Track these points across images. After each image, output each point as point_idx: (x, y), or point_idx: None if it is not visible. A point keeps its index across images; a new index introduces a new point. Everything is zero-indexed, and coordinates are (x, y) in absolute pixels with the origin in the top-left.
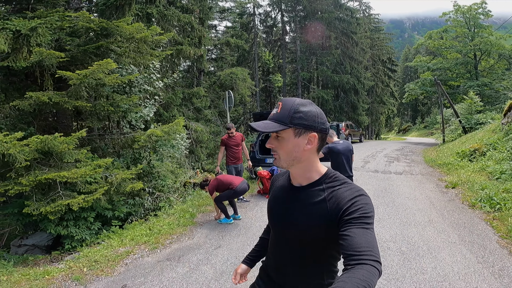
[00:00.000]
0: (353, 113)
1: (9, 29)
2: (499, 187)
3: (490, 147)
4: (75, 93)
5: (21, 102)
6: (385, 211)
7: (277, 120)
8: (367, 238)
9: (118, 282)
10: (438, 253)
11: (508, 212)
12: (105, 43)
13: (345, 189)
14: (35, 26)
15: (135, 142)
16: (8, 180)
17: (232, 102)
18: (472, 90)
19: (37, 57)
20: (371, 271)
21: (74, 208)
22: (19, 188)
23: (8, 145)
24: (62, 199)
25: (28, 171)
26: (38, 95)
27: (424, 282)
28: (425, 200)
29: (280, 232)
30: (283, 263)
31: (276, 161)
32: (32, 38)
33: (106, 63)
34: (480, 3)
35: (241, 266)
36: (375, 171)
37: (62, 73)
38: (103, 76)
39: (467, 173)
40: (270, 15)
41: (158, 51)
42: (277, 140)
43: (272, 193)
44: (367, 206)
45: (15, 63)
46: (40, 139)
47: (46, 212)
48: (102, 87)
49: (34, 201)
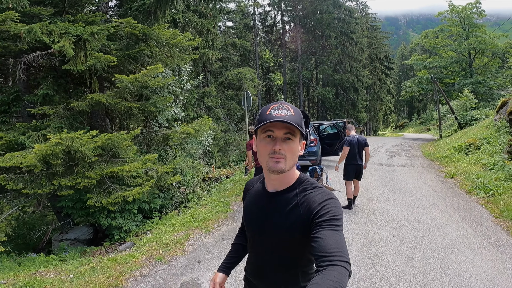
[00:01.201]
0: (352, 110)
1: (71, 33)
2: (492, 176)
3: (484, 142)
4: (121, 94)
5: (79, 103)
6: (395, 197)
7: (296, 123)
8: (337, 239)
9: (193, 259)
10: (444, 228)
11: (500, 197)
12: (145, 48)
13: (316, 193)
14: (95, 32)
15: (169, 139)
16: (75, 174)
17: (250, 102)
18: (467, 88)
19: (94, 61)
20: (341, 272)
21: (129, 200)
22: (88, 182)
23: (82, 141)
24: (117, 191)
25: (91, 166)
26: (97, 97)
27: (437, 249)
28: (428, 188)
29: (259, 238)
30: (263, 269)
31: (280, 164)
32: (91, 43)
33: (156, 68)
34: (474, 3)
35: (218, 275)
36: (379, 164)
37: (118, 77)
38: (148, 79)
39: (464, 165)
40: (270, 14)
41: (186, 55)
42: (286, 143)
43: (249, 200)
44: (336, 209)
45: (75, 67)
46: (108, 136)
47: (107, 204)
48: (145, 89)
49: (95, 194)
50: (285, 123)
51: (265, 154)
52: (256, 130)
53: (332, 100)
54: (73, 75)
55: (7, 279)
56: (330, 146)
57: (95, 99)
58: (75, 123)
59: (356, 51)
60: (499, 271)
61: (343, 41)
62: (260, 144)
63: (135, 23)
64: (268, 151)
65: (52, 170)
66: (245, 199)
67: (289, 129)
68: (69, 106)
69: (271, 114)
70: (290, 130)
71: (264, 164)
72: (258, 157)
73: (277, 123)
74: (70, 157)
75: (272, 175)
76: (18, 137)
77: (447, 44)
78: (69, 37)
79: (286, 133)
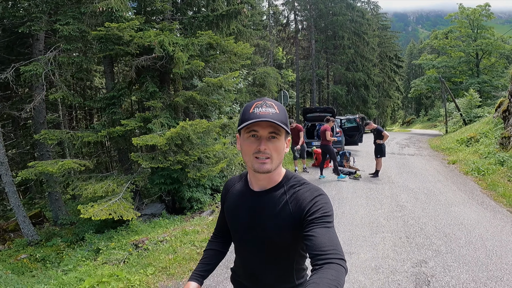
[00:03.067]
0: (363, 107)
1: (179, 43)
2: (485, 162)
3: (482, 136)
4: (206, 92)
5: (178, 99)
6: (408, 175)
7: (280, 121)
8: (330, 236)
9: None
10: (446, 194)
11: (488, 176)
12: (217, 55)
13: (305, 190)
14: (191, 42)
15: (228, 127)
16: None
17: (287, 100)
18: (472, 87)
19: (191, 66)
20: (338, 270)
21: (213, 174)
22: (192, 159)
23: (195, 128)
24: (203, 168)
25: (192, 147)
26: (192, 94)
27: (441, 205)
28: (434, 171)
29: (248, 239)
30: (256, 269)
31: (266, 165)
32: (190, 51)
33: (234, 73)
34: (484, 6)
35: (190, 284)
36: (392, 153)
37: (207, 80)
38: (224, 81)
39: (464, 154)
40: (283, 14)
41: (242, 61)
42: (271, 141)
43: (231, 200)
44: (327, 205)
45: (179, 70)
46: (208, 124)
47: (201, 176)
48: (219, 89)
49: (190, 169)
50: (270, 122)
51: (250, 153)
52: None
53: (344, 97)
54: (165, 75)
55: (167, 232)
56: (351, 137)
57: (189, 95)
58: (173, 114)
59: (368, 50)
60: (481, 216)
61: (355, 41)
62: (244, 143)
63: (212, 35)
64: (252, 150)
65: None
66: (226, 200)
67: (274, 128)
68: (167, 101)
69: (255, 113)
70: (275, 129)
71: (249, 164)
72: (243, 156)
73: (262, 122)
74: (181, 139)
75: (261, 175)
76: (138, 124)
77: (456, 44)
78: (179, 47)
79: (271, 132)
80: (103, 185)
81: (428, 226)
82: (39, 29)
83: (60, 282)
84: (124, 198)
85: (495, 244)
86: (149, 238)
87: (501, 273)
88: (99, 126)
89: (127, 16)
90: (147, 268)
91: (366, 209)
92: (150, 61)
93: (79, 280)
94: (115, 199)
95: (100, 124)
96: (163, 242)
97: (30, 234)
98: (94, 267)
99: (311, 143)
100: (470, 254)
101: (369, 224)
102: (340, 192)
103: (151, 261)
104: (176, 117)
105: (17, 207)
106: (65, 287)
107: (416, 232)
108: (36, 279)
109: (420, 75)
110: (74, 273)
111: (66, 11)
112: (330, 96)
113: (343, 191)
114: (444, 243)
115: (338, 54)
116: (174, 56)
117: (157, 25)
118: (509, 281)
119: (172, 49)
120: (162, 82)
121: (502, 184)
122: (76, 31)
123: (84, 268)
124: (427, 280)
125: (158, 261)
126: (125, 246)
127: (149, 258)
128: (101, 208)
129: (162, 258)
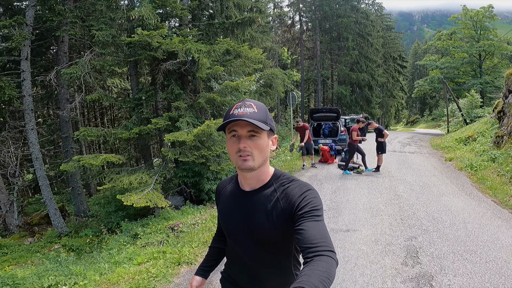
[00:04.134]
0: (367, 107)
1: (202, 50)
2: (479, 159)
3: (480, 135)
4: (222, 93)
5: (200, 100)
6: (407, 170)
7: (259, 119)
8: (320, 229)
9: None
10: (439, 186)
11: (480, 172)
12: (234, 60)
13: (294, 186)
14: (213, 49)
15: None
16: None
17: (295, 101)
18: (475, 88)
19: (213, 70)
20: (328, 262)
21: (231, 167)
22: (214, 153)
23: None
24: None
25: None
26: (213, 95)
27: (434, 195)
28: (431, 167)
29: (241, 238)
30: (256, 271)
31: (248, 162)
32: (212, 57)
33: (251, 77)
34: (487, 7)
35: (195, 279)
36: (393, 151)
37: (227, 83)
38: (241, 84)
39: (461, 152)
40: (288, 15)
41: (254, 65)
42: (251, 140)
43: (224, 202)
44: (316, 199)
45: (201, 74)
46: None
47: (221, 169)
48: (236, 91)
49: (211, 163)
50: (246, 121)
51: (233, 153)
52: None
53: (348, 97)
54: (185, 78)
55: (197, 217)
56: None
57: (210, 97)
58: (196, 114)
59: (372, 51)
60: (466, 204)
61: (359, 42)
62: (228, 144)
63: (230, 42)
64: (235, 150)
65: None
66: (219, 202)
67: (251, 126)
68: (188, 102)
69: (234, 114)
70: (252, 127)
71: (235, 163)
72: (230, 157)
73: (240, 122)
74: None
75: (247, 174)
76: (167, 122)
77: (459, 46)
78: (203, 53)
79: (249, 130)
80: (136, 177)
81: (420, 211)
82: (74, 33)
83: (116, 260)
84: (155, 189)
85: (475, 226)
86: (183, 222)
87: (476, 248)
88: (130, 124)
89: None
90: (191, 243)
91: (368, 198)
92: (175, 65)
93: (129, 259)
94: (147, 189)
95: (130, 122)
96: (196, 225)
97: (60, 226)
98: (138, 248)
99: (318, 141)
100: (452, 233)
101: (370, 209)
102: (344, 184)
103: (191, 239)
104: (198, 116)
105: (49, 200)
106: (123, 263)
107: (409, 215)
108: (92, 260)
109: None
110: (123, 254)
111: (97, 16)
112: (334, 96)
113: (347, 183)
114: (432, 224)
115: (342, 55)
116: (199, 62)
117: (178, 31)
118: (481, 254)
119: (197, 56)
120: (183, 84)
121: (491, 178)
122: (109, 36)
123: (131, 249)
124: (415, 250)
125: (197, 237)
126: (160, 230)
127: (187, 237)
128: (139, 197)
129: (200, 236)
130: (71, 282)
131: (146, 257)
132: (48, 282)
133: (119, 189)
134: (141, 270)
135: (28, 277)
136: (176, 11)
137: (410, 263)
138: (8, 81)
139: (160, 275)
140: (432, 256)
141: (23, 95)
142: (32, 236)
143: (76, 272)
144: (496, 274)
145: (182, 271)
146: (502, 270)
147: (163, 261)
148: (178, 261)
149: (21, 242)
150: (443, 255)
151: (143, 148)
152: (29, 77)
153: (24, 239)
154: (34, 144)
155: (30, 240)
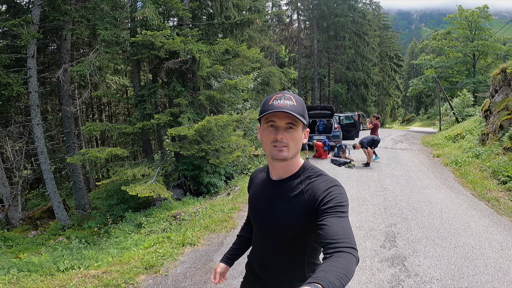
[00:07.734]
0: (363, 105)
1: (203, 50)
2: (464, 155)
3: (468, 133)
4: (222, 91)
5: (200, 97)
6: (395, 165)
7: (297, 112)
8: (343, 226)
9: None
10: (423, 180)
11: (463, 167)
12: (232, 59)
13: (321, 180)
14: (213, 49)
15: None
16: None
17: None
18: (467, 87)
19: (212, 69)
20: (349, 259)
21: (229, 161)
22: (213, 147)
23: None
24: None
25: (213, 138)
26: (213, 93)
27: (417, 188)
28: (419, 162)
29: (264, 227)
30: (268, 259)
31: (283, 152)
32: (212, 57)
33: (249, 76)
34: (482, 7)
35: (220, 265)
36: (385, 148)
37: (226, 81)
38: (239, 82)
39: (449, 149)
40: (286, 13)
41: (252, 64)
42: (288, 132)
43: (253, 189)
44: (341, 196)
45: (201, 72)
46: (227, 118)
47: (219, 162)
48: (234, 89)
49: (210, 157)
50: (286, 113)
51: (268, 142)
52: (259, 119)
53: (344, 95)
54: (185, 76)
55: (197, 206)
56: (348, 132)
57: (210, 94)
58: (196, 110)
59: (368, 50)
60: (446, 196)
61: (356, 41)
62: (263, 133)
63: (230, 43)
64: (270, 139)
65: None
66: (250, 190)
67: (291, 118)
68: (189, 99)
69: (274, 104)
70: (291, 120)
71: (268, 152)
72: (262, 145)
73: (279, 113)
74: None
75: (277, 163)
76: (169, 118)
77: (453, 45)
78: (203, 53)
79: (288, 122)
80: (139, 169)
81: (402, 202)
82: (80, 32)
83: (123, 246)
84: (157, 181)
85: (450, 216)
86: (184, 211)
87: (447, 234)
88: (133, 119)
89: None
90: (194, 228)
91: (356, 189)
92: (177, 64)
93: (136, 245)
94: (150, 181)
95: (134, 118)
96: (197, 213)
97: (63, 219)
98: (143, 236)
99: (312, 137)
100: (428, 221)
101: (357, 199)
102: (336, 177)
103: (193, 225)
104: (198, 112)
105: (53, 193)
106: (130, 248)
107: (392, 205)
108: (100, 247)
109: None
110: (129, 241)
111: (102, 16)
112: (331, 94)
113: (339, 176)
114: (411, 213)
115: (339, 54)
116: (200, 62)
117: (180, 31)
118: (451, 239)
119: (198, 56)
120: (184, 82)
121: (472, 173)
122: (114, 36)
123: (136, 237)
124: (394, 235)
125: (199, 223)
126: (163, 219)
127: (189, 224)
128: (143, 187)
129: (202, 222)
130: (85, 265)
131: (152, 241)
132: (64, 265)
133: (121, 182)
134: (149, 251)
135: (44, 262)
136: (178, 12)
137: (388, 246)
138: (16, 78)
139: (167, 254)
140: (407, 241)
141: (30, 91)
142: (35, 229)
143: (88, 256)
144: (461, 257)
145: (186, 251)
146: (468, 254)
147: (169, 243)
148: (182, 242)
149: (25, 235)
150: (417, 240)
151: (145, 142)
152: (35, 74)
153: (28, 232)
154: (39, 138)
155: (34, 233)
